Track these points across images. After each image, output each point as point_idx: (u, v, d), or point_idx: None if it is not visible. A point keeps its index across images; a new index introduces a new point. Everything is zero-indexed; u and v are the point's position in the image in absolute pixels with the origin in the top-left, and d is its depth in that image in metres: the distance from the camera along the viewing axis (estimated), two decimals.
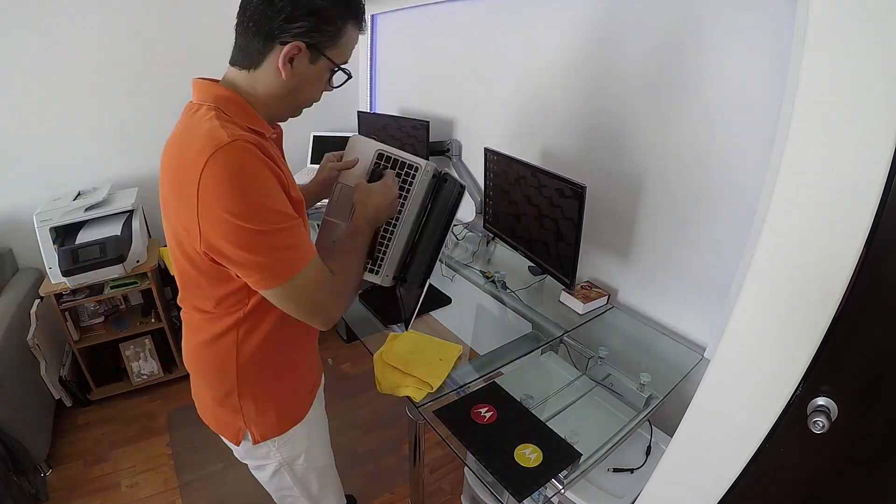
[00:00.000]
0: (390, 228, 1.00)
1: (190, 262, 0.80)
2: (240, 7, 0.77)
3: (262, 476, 1.08)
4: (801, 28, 1.00)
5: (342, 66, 0.82)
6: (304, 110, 0.88)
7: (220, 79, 0.83)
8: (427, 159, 1.00)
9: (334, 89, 0.87)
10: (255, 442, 0.94)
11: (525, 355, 1.40)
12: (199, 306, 0.87)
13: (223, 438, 0.98)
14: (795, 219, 0.74)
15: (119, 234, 1.99)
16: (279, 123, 0.89)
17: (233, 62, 0.81)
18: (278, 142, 0.89)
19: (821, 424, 0.76)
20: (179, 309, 0.94)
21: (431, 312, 1.59)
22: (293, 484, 1.06)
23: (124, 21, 2.13)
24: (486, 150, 1.79)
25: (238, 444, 0.95)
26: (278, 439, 0.96)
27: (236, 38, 0.80)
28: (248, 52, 0.78)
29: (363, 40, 2.74)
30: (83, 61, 2.09)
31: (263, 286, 0.77)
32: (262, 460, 1.00)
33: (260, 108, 0.81)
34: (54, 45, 2.02)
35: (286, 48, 0.75)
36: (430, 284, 1.52)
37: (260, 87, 0.80)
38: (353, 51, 0.84)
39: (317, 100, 0.87)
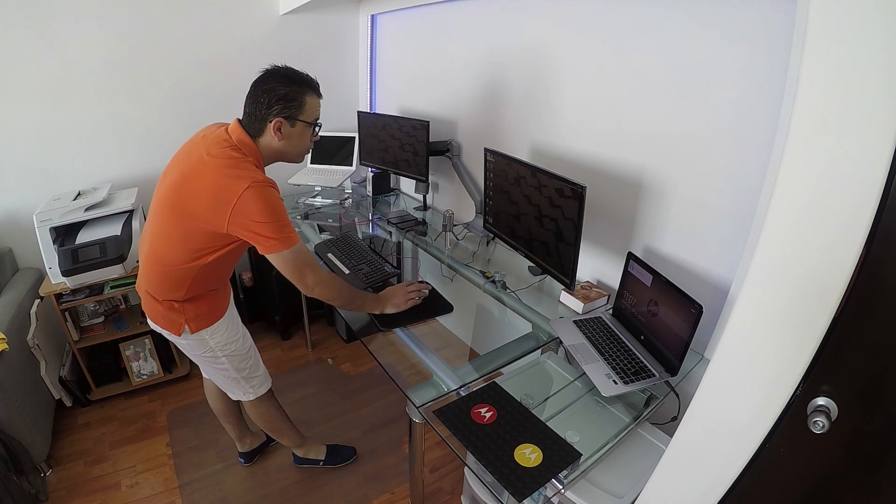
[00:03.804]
0: None
1: (184, 230, 1.22)
2: (245, 100, 1.24)
3: (206, 367, 1.51)
4: (801, 28, 1.01)
5: (315, 122, 1.29)
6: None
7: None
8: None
9: (317, 135, 1.33)
10: (192, 331, 1.36)
11: (525, 355, 1.40)
12: (166, 255, 1.27)
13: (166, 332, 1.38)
14: (795, 219, 0.74)
15: (119, 234, 1.99)
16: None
17: (244, 126, 1.25)
18: None
19: (821, 424, 0.76)
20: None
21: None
22: (228, 365, 1.47)
23: (124, 22, 2.13)
24: (486, 150, 1.79)
25: (179, 335, 1.36)
26: (209, 329, 1.39)
27: (243, 116, 1.26)
28: (253, 128, 1.24)
29: (363, 40, 2.75)
30: (83, 62, 2.09)
31: (273, 251, 1.20)
32: (199, 349, 1.42)
33: (269, 158, 1.29)
34: (54, 46, 2.02)
35: (273, 123, 1.21)
36: (434, 290, 1.55)
37: (265, 146, 1.26)
38: (319, 108, 1.29)
39: (309, 147, 1.33)
